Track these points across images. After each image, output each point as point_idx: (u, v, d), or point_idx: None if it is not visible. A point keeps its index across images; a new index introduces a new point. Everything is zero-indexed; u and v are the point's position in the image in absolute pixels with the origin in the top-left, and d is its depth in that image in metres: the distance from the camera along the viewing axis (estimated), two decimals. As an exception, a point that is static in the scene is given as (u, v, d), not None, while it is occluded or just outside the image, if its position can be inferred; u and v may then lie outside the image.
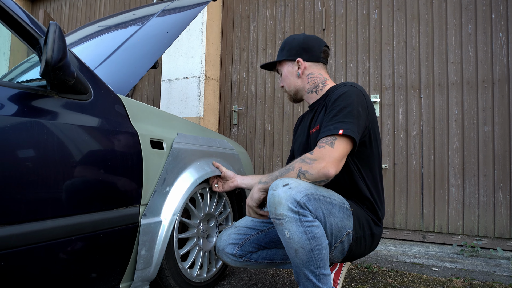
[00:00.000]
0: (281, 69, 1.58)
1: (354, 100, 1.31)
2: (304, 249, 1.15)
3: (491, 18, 2.75)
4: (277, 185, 1.19)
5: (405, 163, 2.95)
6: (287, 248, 1.18)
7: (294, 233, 1.14)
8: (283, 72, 1.57)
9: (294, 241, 1.15)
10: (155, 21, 1.91)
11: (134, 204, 1.29)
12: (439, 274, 2.07)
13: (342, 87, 1.38)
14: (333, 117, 1.29)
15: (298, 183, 1.18)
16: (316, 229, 1.16)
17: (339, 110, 1.29)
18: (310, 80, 1.53)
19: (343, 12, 3.28)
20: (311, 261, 1.16)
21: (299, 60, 1.51)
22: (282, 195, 1.15)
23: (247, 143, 3.62)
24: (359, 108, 1.31)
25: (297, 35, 1.57)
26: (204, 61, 3.55)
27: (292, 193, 1.15)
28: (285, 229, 1.15)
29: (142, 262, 1.33)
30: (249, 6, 3.72)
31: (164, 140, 1.46)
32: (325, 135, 1.26)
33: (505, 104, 2.68)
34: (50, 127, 1.04)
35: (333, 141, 1.24)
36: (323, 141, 1.25)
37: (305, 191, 1.17)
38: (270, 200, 1.18)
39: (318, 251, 1.16)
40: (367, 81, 3.14)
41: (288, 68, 1.55)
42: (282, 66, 1.58)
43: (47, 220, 1.01)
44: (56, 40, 0.98)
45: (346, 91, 1.34)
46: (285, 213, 1.14)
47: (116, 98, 1.33)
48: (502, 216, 2.64)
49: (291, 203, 1.14)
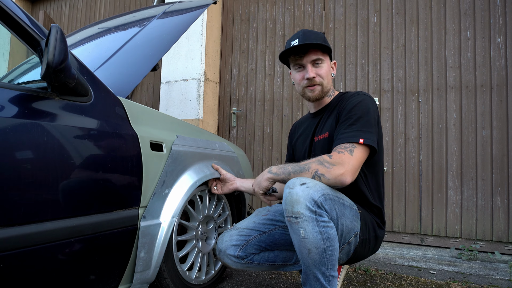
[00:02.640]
0: (324, 59, 1.45)
1: (371, 109, 1.34)
2: (317, 249, 1.15)
3: (490, 23, 2.77)
4: (294, 184, 1.18)
5: (403, 167, 2.96)
6: (300, 247, 1.17)
7: (310, 232, 1.14)
8: (324, 65, 1.45)
9: (308, 241, 1.15)
10: (155, 23, 1.92)
11: (134, 206, 1.29)
12: (437, 277, 2.07)
13: (356, 96, 1.39)
14: (351, 125, 1.30)
15: (315, 183, 1.19)
16: (331, 230, 1.17)
17: (357, 119, 1.30)
18: (331, 84, 1.54)
19: (342, 16, 3.29)
20: (323, 261, 1.17)
21: (335, 63, 1.53)
22: (301, 194, 1.15)
23: (246, 146, 3.62)
24: (375, 116, 1.34)
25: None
26: (204, 64, 3.56)
27: (310, 192, 1.15)
28: (300, 228, 1.15)
29: (141, 264, 1.33)
30: (249, 9, 3.74)
31: (164, 142, 1.47)
32: (344, 142, 1.26)
33: (503, 109, 2.69)
34: (50, 129, 1.04)
35: (352, 148, 1.24)
36: (342, 147, 1.25)
37: (322, 190, 1.18)
38: (287, 198, 1.17)
39: (331, 252, 1.17)
40: (366, 85, 3.15)
41: (328, 63, 1.48)
42: (325, 57, 1.46)
43: (46, 222, 1.01)
44: (58, 42, 0.99)
45: (362, 99, 1.36)
46: (303, 211, 1.14)
47: (116, 100, 1.34)
48: (500, 220, 2.65)
49: (309, 202, 1.14)
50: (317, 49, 1.42)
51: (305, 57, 1.43)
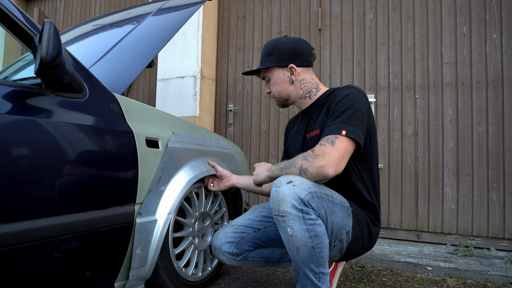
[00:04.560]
0: (270, 75, 1.52)
1: (358, 102, 1.31)
2: (305, 247, 1.16)
3: (486, 20, 2.77)
4: (281, 182, 1.19)
5: (400, 163, 2.97)
6: (288, 245, 1.18)
7: (297, 230, 1.15)
8: (272, 78, 1.51)
9: (296, 239, 1.15)
10: (150, 20, 1.91)
11: (129, 203, 1.29)
12: (433, 274, 2.08)
13: (345, 89, 1.38)
14: (336, 118, 1.29)
15: (302, 180, 1.19)
16: (319, 227, 1.17)
17: (342, 111, 1.29)
18: (303, 86, 1.50)
19: (338, 13, 3.29)
20: (312, 259, 1.17)
21: (293, 67, 1.47)
22: (286, 192, 1.15)
23: (242, 143, 3.62)
24: (363, 110, 1.31)
25: (283, 39, 1.50)
26: (200, 61, 3.55)
27: (296, 190, 1.15)
28: (287, 226, 1.16)
29: (137, 261, 1.32)
30: (245, 6, 3.72)
31: (160, 139, 1.46)
32: (327, 134, 1.25)
33: (499, 105, 2.70)
34: (45, 126, 1.03)
35: (334, 139, 1.22)
36: (324, 140, 1.25)
37: (308, 188, 1.17)
38: (274, 196, 1.18)
39: (319, 249, 1.17)
40: (363, 81, 3.15)
41: (278, 75, 1.50)
42: (270, 73, 1.51)
43: (41, 218, 1.00)
44: (51, 38, 0.98)
45: (350, 92, 1.34)
46: (289, 210, 1.14)
47: (111, 96, 1.33)
48: (496, 216, 2.66)
49: (295, 200, 1.14)
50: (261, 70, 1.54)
51: (260, 76, 1.58)
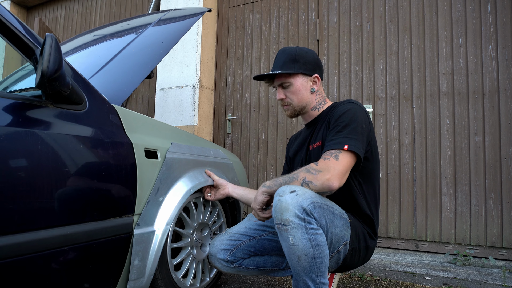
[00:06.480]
0: (292, 81, 1.49)
1: (358, 117, 1.35)
2: (307, 256, 1.16)
3: (481, 31, 2.81)
4: (284, 192, 1.20)
5: (398, 173, 2.98)
6: (290, 254, 1.19)
7: (299, 239, 1.15)
8: (294, 85, 1.49)
9: (298, 248, 1.16)
10: (151, 31, 1.93)
11: (128, 214, 1.29)
12: (431, 283, 2.08)
13: (345, 104, 1.42)
14: (338, 132, 1.32)
15: (305, 190, 1.20)
16: (320, 237, 1.18)
17: (343, 126, 1.33)
18: (317, 98, 1.55)
19: (336, 23, 3.32)
20: (313, 268, 1.17)
21: (317, 77, 1.52)
22: (290, 201, 1.16)
23: (241, 152, 3.63)
24: (363, 125, 1.35)
25: (305, 48, 1.53)
26: (199, 70, 3.57)
27: (299, 199, 1.16)
28: (290, 235, 1.16)
29: (135, 272, 1.32)
30: (243, 17, 3.76)
31: (158, 149, 1.47)
32: (330, 148, 1.29)
33: (495, 115, 2.72)
34: (45, 137, 1.04)
35: (338, 154, 1.26)
36: (327, 154, 1.28)
37: (311, 198, 1.19)
38: (277, 205, 1.19)
39: (320, 259, 1.18)
40: (360, 91, 3.17)
41: (302, 82, 1.50)
42: (294, 79, 1.49)
43: (40, 230, 1.01)
44: (53, 51, 0.99)
45: (350, 108, 1.38)
46: (292, 219, 1.15)
47: (110, 108, 1.34)
48: (494, 225, 2.67)
49: (298, 209, 1.15)
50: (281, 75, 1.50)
51: (274, 81, 1.54)
